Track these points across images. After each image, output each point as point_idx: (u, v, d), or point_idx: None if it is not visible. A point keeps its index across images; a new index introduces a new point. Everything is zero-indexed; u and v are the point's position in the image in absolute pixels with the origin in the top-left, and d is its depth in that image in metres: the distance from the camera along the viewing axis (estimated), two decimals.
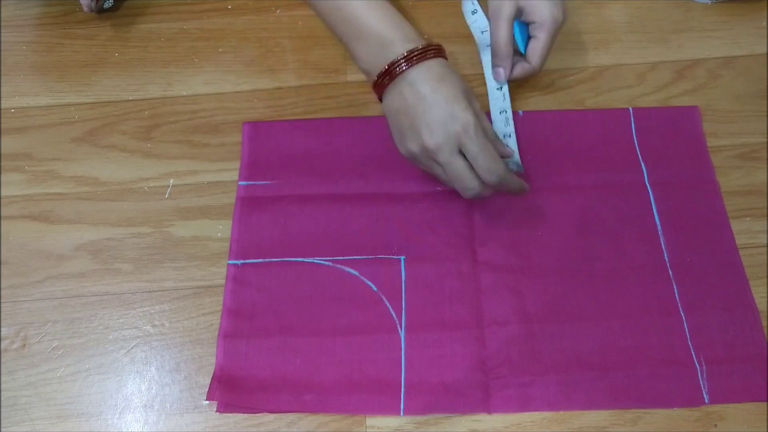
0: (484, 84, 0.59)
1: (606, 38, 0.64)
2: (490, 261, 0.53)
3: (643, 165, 0.57)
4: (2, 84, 0.62)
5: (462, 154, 0.48)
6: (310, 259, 0.54)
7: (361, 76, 0.61)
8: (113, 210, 0.56)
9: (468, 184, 0.49)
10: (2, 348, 0.51)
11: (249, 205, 0.56)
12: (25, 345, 0.51)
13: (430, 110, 0.48)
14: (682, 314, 0.51)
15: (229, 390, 0.49)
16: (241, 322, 0.51)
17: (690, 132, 0.58)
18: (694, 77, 0.61)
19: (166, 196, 0.57)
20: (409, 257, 0.54)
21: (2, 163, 0.58)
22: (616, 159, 0.57)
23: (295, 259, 0.54)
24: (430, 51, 0.49)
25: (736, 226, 0.55)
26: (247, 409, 0.49)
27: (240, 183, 0.57)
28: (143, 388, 0.50)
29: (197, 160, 0.58)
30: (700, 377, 0.49)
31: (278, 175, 0.57)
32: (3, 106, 0.61)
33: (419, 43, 0.50)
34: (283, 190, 0.56)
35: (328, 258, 0.54)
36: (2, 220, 0.56)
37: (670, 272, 0.53)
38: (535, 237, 0.54)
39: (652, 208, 0.55)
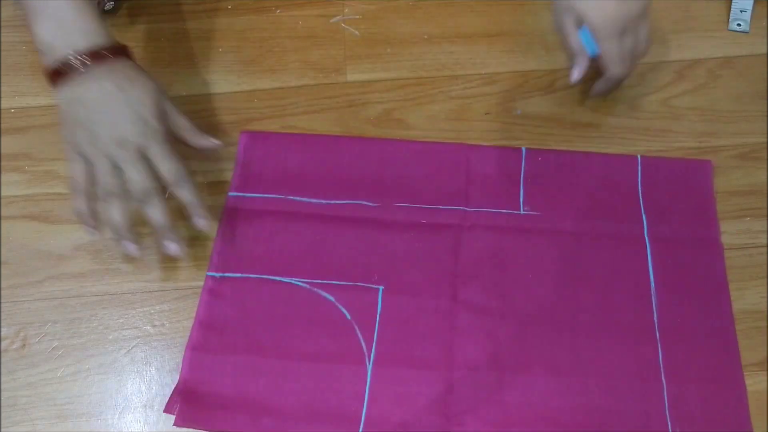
0: (485, 84, 0.59)
1: None
2: (470, 300, 0.52)
3: (644, 217, 0.55)
4: (2, 84, 0.62)
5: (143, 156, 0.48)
6: (287, 279, 0.53)
7: (362, 76, 0.62)
8: None
9: (146, 181, 0.48)
10: (2, 348, 0.51)
11: (235, 217, 0.55)
12: (25, 345, 0.51)
13: (115, 106, 0.47)
14: (664, 381, 0.49)
15: (189, 404, 0.48)
16: (211, 336, 0.51)
17: (699, 187, 0.56)
18: (694, 77, 0.61)
19: (166, 195, 0.57)
20: (387, 288, 0.52)
21: (2, 164, 0.58)
22: (618, 208, 0.55)
23: (274, 277, 0.53)
24: (119, 52, 0.49)
25: (736, 226, 0.55)
26: (204, 425, 0.48)
27: (230, 194, 0.56)
28: (143, 388, 0.50)
29: (196, 160, 0.58)
30: None
31: (269, 188, 0.56)
32: (3, 106, 0.61)
33: (106, 40, 0.49)
34: (271, 206, 0.56)
35: (306, 280, 0.53)
36: (2, 220, 0.56)
37: (657, 334, 0.50)
38: (522, 280, 0.52)
39: (647, 264, 0.53)
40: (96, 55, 0.48)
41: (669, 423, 0.47)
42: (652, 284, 0.52)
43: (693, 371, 0.49)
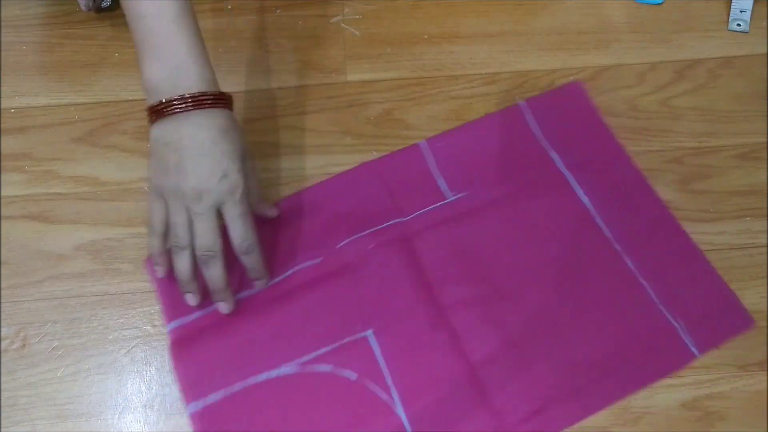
0: (485, 84, 0.60)
1: (606, 38, 0.64)
2: (456, 301, 0.51)
3: (552, 153, 0.57)
4: (2, 84, 0.62)
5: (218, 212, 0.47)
6: (275, 372, 0.49)
7: (362, 76, 0.62)
8: (113, 210, 0.56)
9: (211, 241, 0.47)
10: (3, 348, 0.51)
11: (186, 341, 0.50)
12: (25, 345, 0.51)
13: (204, 159, 0.46)
14: (644, 282, 0.52)
15: None
16: None
17: (581, 107, 0.59)
18: (694, 77, 0.61)
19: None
20: (376, 329, 0.50)
21: (2, 164, 0.58)
22: (526, 156, 0.57)
23: (258, 377, 0.49)
24: (221, 101, 0.48)
25: (736, 225, 0.55)
26: None
27: (168, 325, 0.51)
28: (143, 388, 0.50)
29: None
30: (682, 335, 0.50)
31: (204, 302, 0.51)
32: (3, 106, 0.61)
33: (213, 88, 0.48)
34: (216, 314, 0.51)
35: (293, 362, 0.49)
36: (2, 220, 0.56)
37: (617, 247, 0.53)
38: (486, 259, 0.53)
39: (576, 192, 0.55)
40: (198, 101, 0.47)
41: (666, 314, 0.51)
42: (590, 207, 0.55)
43: (658, 261, 0.53)
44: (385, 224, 0.55)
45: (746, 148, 0.58)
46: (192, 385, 0.49)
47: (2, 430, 0.49)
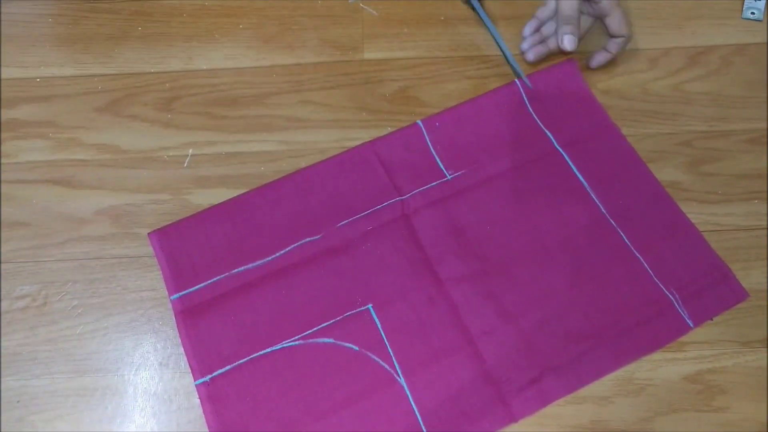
0: (500, 65, 0.60)
1: None
2: (454, 275, 0.53)
3: (547, 132, 0.58)
4: (29, 54, 0.64)
5: None
6: (279, 345, 0.50)
7: (379, 54, 0.63)
8: (133, 177, 0.58)
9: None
10: (25, 305, 0.53)
11: (191, 316, 0.52)
12: (46, 303, 0.53)
13: None
14: (639, 256, 0.53)
15: None
16: None
17: (573, 85, 0.60)
18: (706, 63, 0.62)
19: (185, 165, 0.58)
20: (375, 303, 0.52)
21: (27, 130, 0.60)
22: (522, 134, 0.58)
23: (264, 351, 0.50)
24: None
25: (744, 208, 0.55)
26: None
27: (172, 297, 0.52)
28: (159, 347, 0.52)
29: (216, 131, 0.60)
30: (677, 306, 0.51)
31: (208, 273, 0.53)
32: (30, 75, 0.63)
33: None
34: (220, 288, 0.52)
35: (296, 336, 0.51)
36: (27, 185, 0.58)
37: (612, 222, 0.54)
38: (483, 236, 0.54)
39: (572, 170, 0.57)
40: None
41: (662, 287, 0.52)
42: (585, 184, 0.56)
43: (654, 236, 0.54)
44: (383, 204, 0.56)
45: (756, 133, 0.59)
46: (200, 361, 0.50)
47: (22, 383, 0.51)
